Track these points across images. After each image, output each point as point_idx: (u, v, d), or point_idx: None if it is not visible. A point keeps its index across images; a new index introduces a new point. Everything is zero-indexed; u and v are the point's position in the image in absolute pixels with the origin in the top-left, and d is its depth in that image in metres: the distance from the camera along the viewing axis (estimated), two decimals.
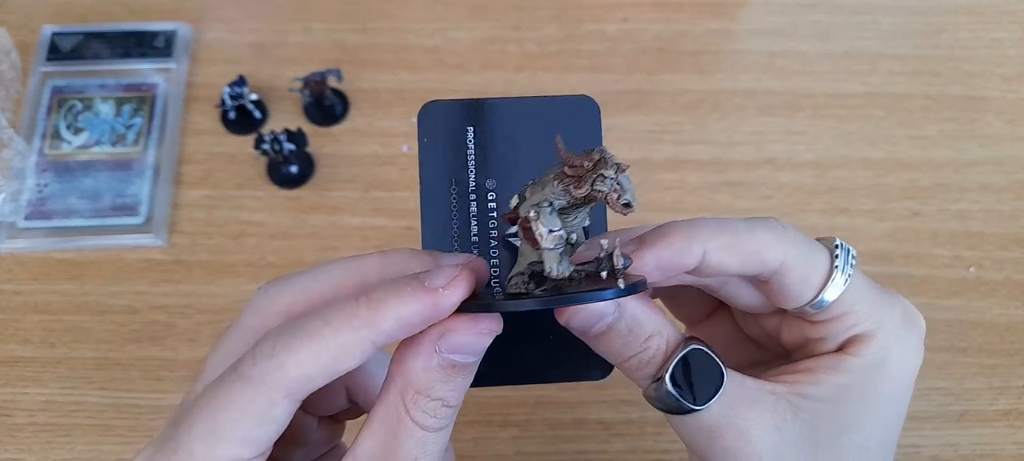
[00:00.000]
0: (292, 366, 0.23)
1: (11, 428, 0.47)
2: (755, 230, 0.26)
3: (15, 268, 0.52)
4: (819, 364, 0.28)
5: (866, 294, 0.28)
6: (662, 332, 0.26)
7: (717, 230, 0.26)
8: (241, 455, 0.23)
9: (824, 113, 0.59)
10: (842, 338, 0.28)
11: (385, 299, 0.23)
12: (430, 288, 0.23)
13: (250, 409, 0.23)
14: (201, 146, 0.57)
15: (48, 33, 0.60)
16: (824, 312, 0.27)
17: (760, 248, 0.26)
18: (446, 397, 0.25)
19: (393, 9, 0.63)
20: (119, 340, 0.50)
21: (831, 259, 0.27)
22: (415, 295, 0.23)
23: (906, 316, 0.28)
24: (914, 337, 0.28)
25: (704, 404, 0.26)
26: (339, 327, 0.23)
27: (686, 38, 0.63)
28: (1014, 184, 0.57)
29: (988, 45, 0.63)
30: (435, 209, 0.29)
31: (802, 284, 0.27)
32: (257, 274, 0.52)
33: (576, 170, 0.23)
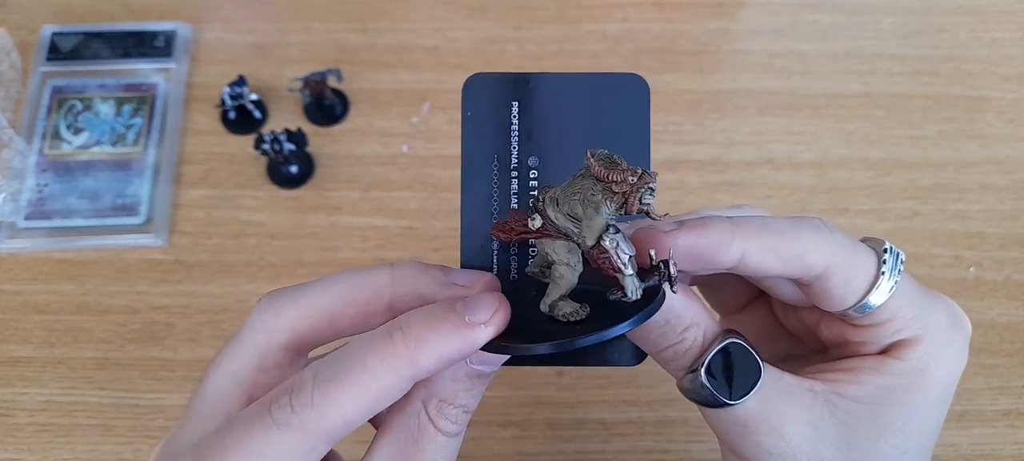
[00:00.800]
0: (334, 415, 0.22)
1: (11, 428, 0.47)
2: (800, 232, 0.25)
3: (15, 268, 0.52)
4: (861, 365, 0.27)
5: (912, 298, 0.27)
6: (700, 324, 0.26)
7: (760, 231, 0.25)
8: None
9: (824, 113, 0.59)
10: (886, 342, 0.27)
11: (424, 336, 0.23)
12: (471, 323, 0.23)
13: (289, 457, 0.23)
14: (201, 146, 0.57)
15: (48, 33, 0.60)
16: (868, 317, 0.26)
17: (803, 252, 0.25)
18: (468, 403, 0.25)
19: (393, 9, 0.63)
20: (119, 340, 0.50)
21: (878, 263, 0.26)
22: (456, 331, 0.23)
23: (952, 319, 0.28)
24: (959, 341, 0.28)
25: (740, 399, 0.25)
26: (378, 370, 0.23)
27: (686, 38, 0.63)
28: (1014, 184, 0.57)
29: (988, 45, 0.63)
30: (476, 184, 0.28)
31: (845, 288, 0.26)
32: (257, 274, 0.52)
33: (622, 186, 0.23)
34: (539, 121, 0.28)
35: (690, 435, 0.48)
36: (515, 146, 0.28)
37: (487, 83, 0.28)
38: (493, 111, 0.28)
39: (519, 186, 0.28)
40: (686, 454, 0.48)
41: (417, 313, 0.23)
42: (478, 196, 0.28)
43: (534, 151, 0.28)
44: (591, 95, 0.28)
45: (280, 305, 0.26)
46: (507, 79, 0.28)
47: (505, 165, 0.28)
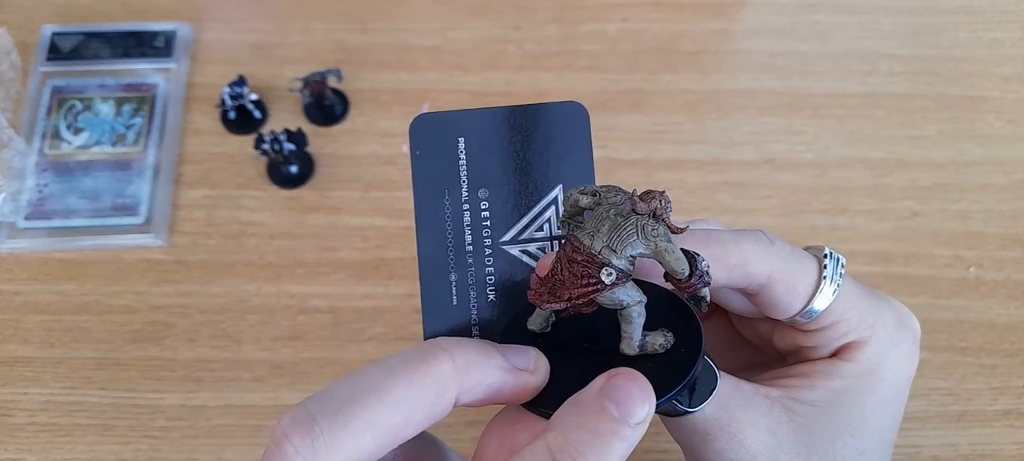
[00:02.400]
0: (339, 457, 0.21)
1: (11, 428, 0.47)
2: (741, 243, 0.26)
3: (15, 268, 0.52)
4: (813, 369, 0.28)
5: (857, 301, 0.28)
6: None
7: (703, 242, 0.26)
8: None
9: (824, 113, 0.59)
10: (835, 345, 0.28)
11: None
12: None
13: None
14: (201, 146, 0.57)
15: (48, 33, 0.60)
16: (815, 321, 0.27)
17: (745, 261, 0.26)
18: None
19: (393, 9, 0.63)
20: (119, 340, 0.50)
21: (819, 269, 0.27)
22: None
23: (899, 320, 0.29)
24: (908, 340, 0.28)
25: (697, 407, 0.26)
26: (399, 397, 0.22)
27: (686, 38, 0.63)
28: (1014, 184, 0.57)
29: (988, 45, 0.63)
30: (430, 221, 0.29)
31: (789, 296, 0.27)
32: (257, 274, 0.52)
33: (664, 211, 0.25)
34: (486, 154, 0.29)
35: None
36: (465, 181, 0.29)
37: (432, 122, 0.29)
38: (441, 149, 0.29)
39: (472, 219, 0.29)
40: None
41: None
42: (434, 233, 0.29)
43: (484, 184, 0.29)
44: (534, 125, 0.29)
45: (328, 441, 0.21)
46: (449, 116, 0.29)
47: (457, 200, 0.29)
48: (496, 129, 0.29)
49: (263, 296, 0.52)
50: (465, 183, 0.29)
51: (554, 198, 0.29)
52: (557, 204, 0.29)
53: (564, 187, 0.29)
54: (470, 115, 0.29)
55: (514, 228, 0.29)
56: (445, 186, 0.29)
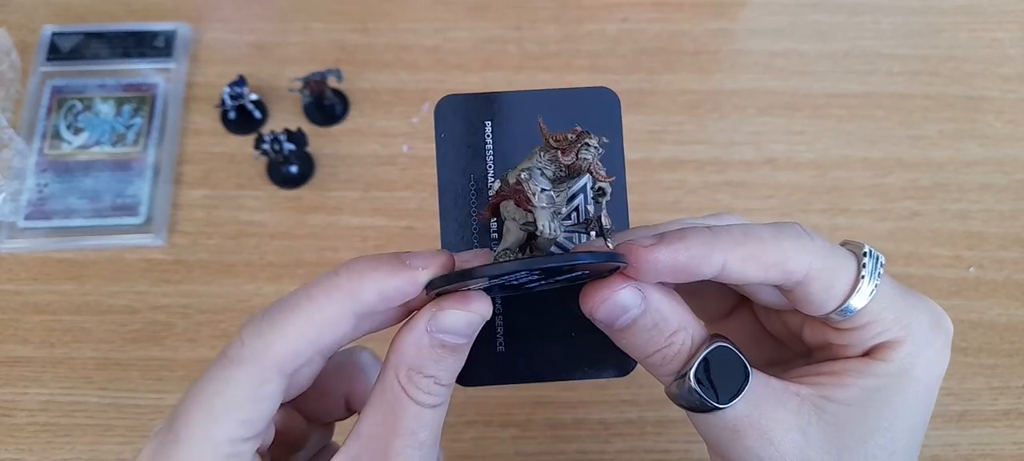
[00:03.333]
0: (281, 344, 0.24)
1: (11, 428, 0.47)
2: (779, 239, 0.26)
3: (15, 268, 0.52)
4: (845, 367, 0.27)
5: (893, 301, 0.27)
6: (687, 328, 0.26)
7: (740, 240, 0.25)
8: (239, 434, 0.24)
9: (824, 113, 0.59)
10: (868, 345, 0.27)
11: (365, 270, 0.24)
12: (411, 266, 0.24)
13: (244, 390, 0.24)
14: (201, 146, 0.57)
15: (48, 33, 0.60)
16: (849, 320, 0.27)
17: (784, 259, 0.25)
18: (438, 375, 0.25)
19: (393, 9, 0.63)
20: (119, 340, 0.50)
21: (858, 267, 0.26)
22: (395, 270, 0.24)
23: (933, 320, 0.28)
24: (941, 341, 0.28)
25: (728, 403, 0.26)
26: (322, 302, 0.24)
27: (686, 38, 0.63)
28: (1014, 184, 0.57)
29: (988, 45, 0.63)
30: (453, 204, 0.28)
31: (826, 293, 0.26)
32: (257, 274, 0.52)
33: (561, 142, 0.24)
34: (513, 139, 0.28)
35: (690, 435, 0.48)
36: (491, 165, 0.28)
37: (459, 104, 0.28)
38: (466, 132, 0.28)
39: None
40: (686, 454, 0.48)
41: (363, 257, 0.25)
42: (457, 216, 0.28)
43: (509, 166, 0.28)
44: (563, 111, 0.28)
45: (267, 332, 0.25)
46: (478, 99, 0.28)
47: (482, 184, 0.28)
48: (524, 113, 0.28)
49: (263, 296, 0.52)
50: (491, 167, 0.28)
51: (583, 185, 0.29)
52: (586, 191, 0.29)
53: (592, 176, 0.28)
54: (498, 98, 0.28)
55: None
56: (470, 171, 0.28)
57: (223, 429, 0.24)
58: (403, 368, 0.25)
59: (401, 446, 0.25)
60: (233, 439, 0.24)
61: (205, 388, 0.24)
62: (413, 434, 0.25)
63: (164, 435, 0.25)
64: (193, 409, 0.24)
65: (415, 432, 0.25)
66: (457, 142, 0.28)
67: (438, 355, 0.25)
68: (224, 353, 0.25)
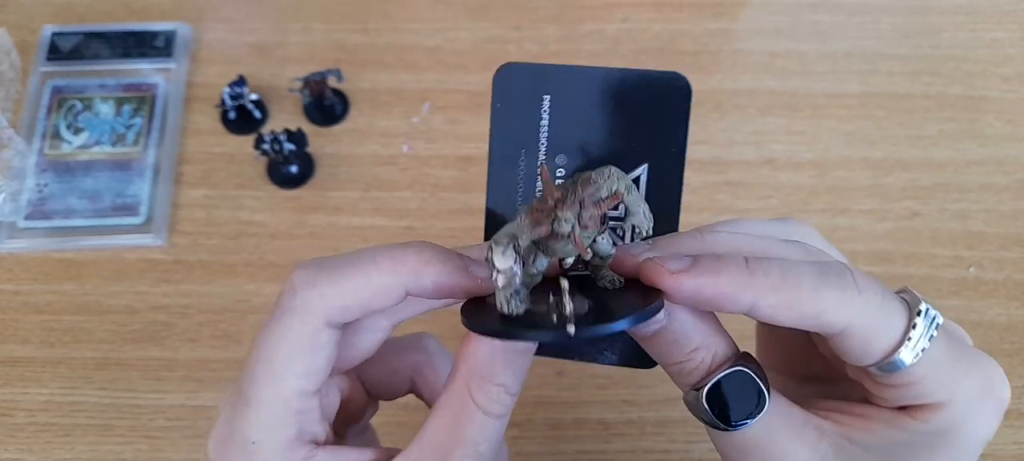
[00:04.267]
0: (334, 296, 0.25)
1: (11, 428, 0.47)
2: (822, 291, 0.23)
3: (15, 268, 0.52)
4: (876, 414, 0.26)
5: (941, 363, 0.24)
6: (709, 346, 0.25)
7: (778, 284, 0.23)
8: (305, 387, 0.25)
9: (824, 113, 0.59)
10: (905, 402, 0.25)
11: (433, 259, 0.25)
12: (473, 276, 0.25)
13: (300, 340, 0.25)
14: (201, 146, 0.57)
15: (48, 33, 0.60)
16: (888, 377, 0.25)
17: (821, 311, 0.23)
18: (508, 383, 0.25)
19: (393, 9, 0.63)
20: (119, 340, 0.50)
21: (907, 326, 0.24)
22: (459, 270, 0.25)
23: (985, 386, 0.25)
24: (990, 409, 0.26)
25: (735, 426, 0.25)
26: (385, 266, 0.25)
27: (686, 38, 0.63)
28: (1014, 184, 0.57)
29: (988, 45, 0.63)
30: (502, 180, 0.27)
31: (863, 350, 0.24)
32: (257, 274, 0.52)
33: (542, 206, 0.23)
34: (570, 117, 0.26)
35: (690, 435, 0.48)
36: (544, 142, 0.27)
37: (519, 73, 0.26)
38: (524, 103, 0.27)
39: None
40: (686, 454, 0.48)
41: (431, 244, 0.25)
42: (504, 193, 0.27)
43: (563, 149, 0.27)
44: (627, 92, 0.26)
45: (324, 288, 0.26)
46: (540, 70, 0.26)
47: (533, 162, 0.27)
48: (586, 91, 0.26)
49: (263, 296, 0.52)
50: (544, 145, 0.27)
51: (637, 177, 0.27)
52: (640, 184, 0.27)
53: (649, 167, 0.27)
54: (561, 71, 0.26)
55: None
56: (522, 146, 0.27)
57: (289, 384, 0.25)
58: (475, 376, 0.25)
59: (461, 455, 0.25)
60: (300, 393, 0.25)
61: (265, 343, 0.25)
62: (475, 444, 0.25)
63: (234, 399, 0.26)
64: (257, 368, 0.25)
65: (478, 442, 0.25)
66: (513, 114, 0.26)
67: (508, 359, 0.25)
68: (278, 303, 0.25)
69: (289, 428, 0.25)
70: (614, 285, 0.26)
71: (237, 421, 0.25)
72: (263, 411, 0.25)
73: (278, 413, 0.25)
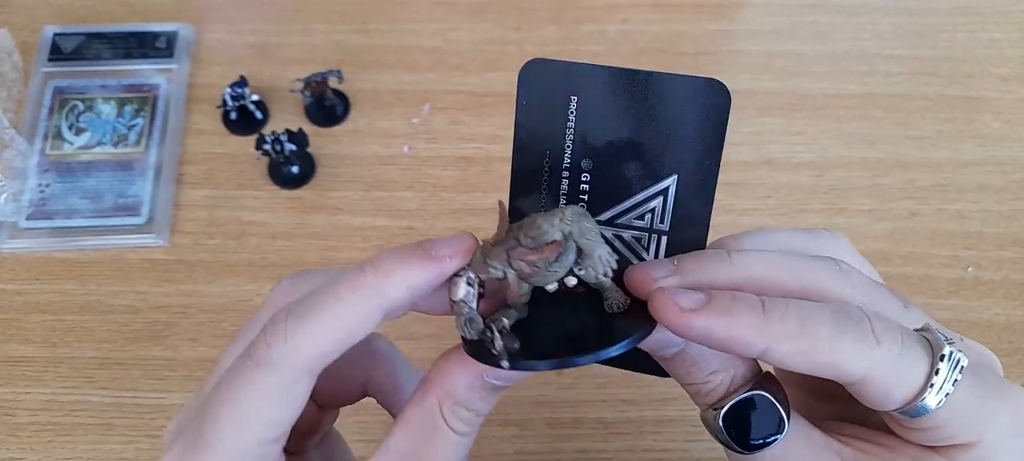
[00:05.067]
0: (309, 346, 0.24)
1: (13, 427, 0.48)
2: (839, 341, 0.22)
3: (17, 268, 0.53)
4: (902, 448, 0.25)
5: (969, 403, 0.23)
6: (728, 369, 0.25)
7: (794, 334, 0.22)
8: (268, 436, 0.24)
9: (823, 113, 0.60)
10: (931, 443, 0.24)
11: (392, 267, 0.24)
12: (437, 256, 0.24)
13: (272, 393, 0.24)
14: (202, 146, 0.57)
15: (50, 34, 0.61)
16: (909, 421, 0.24)
17: (838, 362, 0.22)
18: (480, 409, 0.26)
19: (394, 10, 0.63)
20: (121, 340, 0.50)
21: (929, 372, 0.23)
22: (423, 263, 0.24)
23: (1016, 422, 0.24)
24: (1020, 446, 0.24)
25: (751, 451, 0.24)
26: (349, 300, 0.24)
27: (686, 38, 0.63)
28: (1012, 184, 0.57)
29: (986, 46, 0.63)
30: (525, 183, 0.26)
31: (884, 397, 0.23)
32: (258, 274, 0.52)
33: (484, 248, 0.24)
34: (598, 121, 0.25)
35: (689, 434, 0.48)
36: (569, 146, 0.25)
37: (547, 70, 0.25)
38: (550, 103, 0.25)
39: (569, 189, 0.26)
40: (685, 453, 0.48)
41: (387, 251, 0.24)
42: (526, 197, 0.26)
43: (588, 154, 0.25)
44: (661, 97, 0.25)
45: (304, 285, 0.26)
46: (569, 68, 0.25)
47: (557, 164, 0.26)
48: (617, 93, 0.25)
49: (265, 296, 0.52)
50: (569, 148, 0.25)
51: (665, 188, 0.26)
52: (667, 196, 0.26)
53: (679, 179, 0.25)
54: (590, 71, 0.25)
55: (613, 209, 0.26)
56: (547, 147, 0.25)
57: (254, 433, 0.24)
58: (448, 401, 0.25)
59: None
60: (262, 441, 0.24)
61: (232, 393, 0.24)
62: (446, 460, 0.26)
63: (194, 440, 0.25)
64: (222, 413, 0.24)
65: (449, 458, 0.26)
66: (539, 112, 0.25)
67: (486, 395, 0.25)
68: (248, 355, 0.24)
69: None
70: (615, 309, 0.25)
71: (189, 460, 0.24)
72: (222, 456, 0.24)
73: (237, 459, 0.24)
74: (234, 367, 0.24)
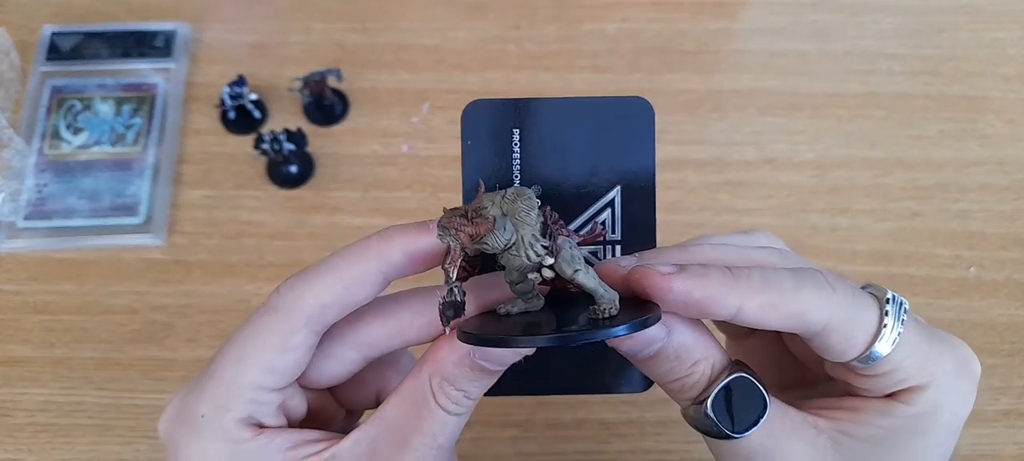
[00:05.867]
0: (311, 296, 0.26)
1: (11, 428, 0.47)
2: (800, 291, 0.25)
3: (15, 268, 0.52)
4: (865, 405, 0.27)
5: (917, 347, 0.26)
6: (709, 357, 0.26)
7: (760, 287, 0.25)
8: (265, 382, 0.26)
9: (824, 113, 0.59)
10: (889, 390, 0.27)
11: (395, 234, 0.26)
12: (432, 226, 0.25)
13: (273, 337, 0.26)
14: (201, 146, 0.57)
15: (48, 33, 0.60)
16: (871, 368, 0.26)
17: (803, 310, 0.25)
18: (469, 390, 0.26)
19: (393, 9, 0.63)
20: (119, 340, 0.50)
21: (880, 316, 0.26)
22: (420, 231, 0.26)
23: (959, 364, 0.27)
24: (966, 385, 0.28)
25: (743, 432, 0.25)
26: (353, 260, 0.26)
27: (686, 38, 0.63)
28: (1014, 184, 0.57)
29: (988, 45, 0.63)
30: None
31: (846, 343, 0.26)
32: (256, 274, 0.52)
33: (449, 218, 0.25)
34: (540, 148, 0.27)
35: (690, 435, 0.48)
36: (517, 175, 0.28)
37: (486, 109, 0.27)
38: (493, 138, 0.27)
39: None
40: (686, 454, 0.48)
41: (392, 225, 0.26)
42: None
43: (537, 179, 0.27)
44: (593, 120, 0.27)
45: (301, 292, 0.27)
46: (507, 105, 0.27)
47: None
48: (553, 121, 0.27)
49: (263, 296, 0.51)
50: (517, 177, 0.27)
51: (611, 200, 0.28)
52: (614, 206, 0.28)
53: (622, 189, 0.28)
54: (527, 105, 0.27)
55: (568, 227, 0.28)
56: (496, 181, 0.27)
57: (251, 373, 0.26)
58: (437, 377, 0.26)
59: (419, 443, 0.26)
60: (257, 386, 0.26)
61: (240, 333, 0.26)
62: (433, 436, 0.26)
63: (198, 377, 0.27)
64: (227, 350, 0.26)
65: (436, 435, 0.26)
66: (484, 149, 0.27)
67: (474, 375, 0.26)
68: (265, 303, 0.26)
69: (239, 410, 0.26)
70: (608, 313, 0.25)
71: (191, 395, 0.26)
72: (219, 389, 0.26)
73: (232, 394, 0.26)
74: (254, 313, 0.27)
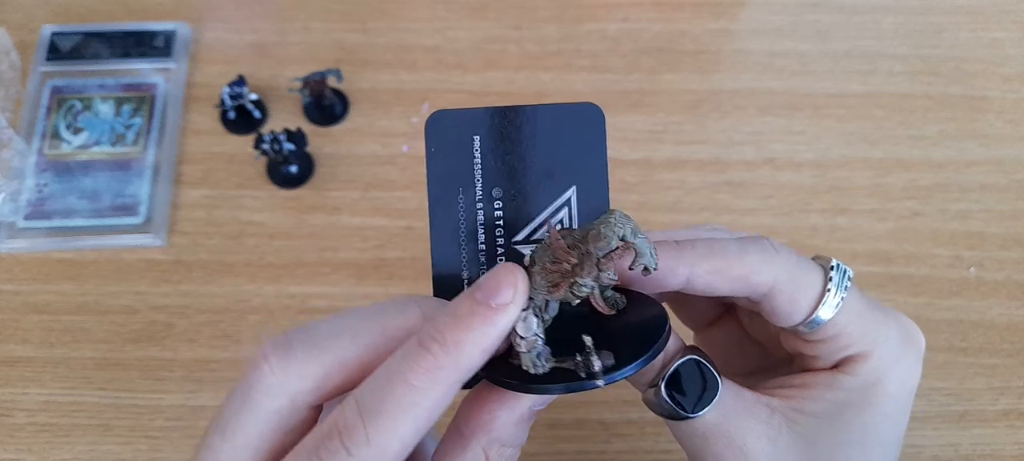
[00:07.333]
0: (393, 445, 0.22)
1: (11, 428, 0.47)
2: (744, 254, 0.26)
3: (14, 268, 0.52)
4: (814, 380, 0.28)
5: (861, 315, 0.27)
6: None
7: (705, 254, 0.26)
8: None
9: (824, 113, 0.59)
10: (836, 358, 0.28)
11: (459, 337, 0.22)
12: (497, 306, 0.23)
13: (268, 422, 0.23)
14: (201, 146, 0.57)
15: (48, 33, 0.60)
16: (817, 332, 0.27)
17: (748, 272, 0.26)
18: (523, 439, 0.26)
19: (393, 9, 0.63)
20: (119, 340, 0.50)
21: (824, 280, 0.27)
22: (487, 320, 0.22)
23: (903, 335, 0.28)
24: (911, 356, 0.29)
25: (697, 412, 0.27)
26: (424, 386, 0.22)
27: (686, 38, 0.63)
28: (1014, 184, 0.57)
29: (988, 45, 0.63)
30: (443, 220, 0.29)
31: (792, 306, 0.27)
32: (257, 274, 0.52)
33: (558, 268, 0.24)
34: (500, 153, 0.29)
35: None
36: (479, 179, 0.29)
37: (448, 119, 0.29)
38: (456, 146, 0.29)
39: (485, 217, 0.29)
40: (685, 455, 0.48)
41: (443, 316, 0.23)
42: (447, 231, 0.29)
43: (497, 183, 0.29)
44: (549, 125, 0.29)
45: (300, 365, 0.23)
46: (467, 114, 0.29)
47: (471, 199, 0.29)
48: (512, 128, 0.29)
49: (263, 296, 0.52)
50: (479, 182, 0.29)
51: (568, 199, 0.29)
52: (571, 205, 0.29)
53: (578, 189, 0.29)
54: (486, 113, 0.29)
55: (527, 228, 0.29)
56: (459, 184, 0.29)
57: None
58: (496, 445, 0.25)
59: None
60: None
61: (230, 417, 0.23)
62: None
63: None
64: (219, 444, 0.23)
65: None
66: (447, 157, 0.29)
67: (528, 424, 0.25)
68: (245, 377, 0.23)
69: None
70: (616, 307, 0.27)
71: None
72: None
73: None
74: (233, 391, 0.23)
